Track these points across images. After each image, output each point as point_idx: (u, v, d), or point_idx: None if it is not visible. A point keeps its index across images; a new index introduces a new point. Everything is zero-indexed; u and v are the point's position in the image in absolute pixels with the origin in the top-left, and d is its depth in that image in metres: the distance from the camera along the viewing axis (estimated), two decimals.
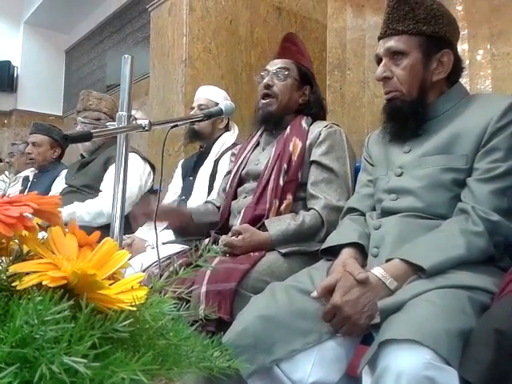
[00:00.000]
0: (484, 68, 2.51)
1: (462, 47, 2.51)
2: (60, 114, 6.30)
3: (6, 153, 4.19)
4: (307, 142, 1.55)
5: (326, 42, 3.32)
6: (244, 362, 0.71)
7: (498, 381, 0.74)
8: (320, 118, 1.66)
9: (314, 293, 1.03)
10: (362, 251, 1.16)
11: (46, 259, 0.47)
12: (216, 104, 1.91)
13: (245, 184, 1.65)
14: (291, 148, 1.53)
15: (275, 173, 1.51)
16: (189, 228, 1.62)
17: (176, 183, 2.27)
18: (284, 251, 1.39)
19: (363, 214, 1.27)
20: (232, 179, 1.69)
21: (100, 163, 2.39)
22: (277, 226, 1.42)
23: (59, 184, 2.80)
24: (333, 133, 1.55)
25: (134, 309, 0.46)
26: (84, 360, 0.38)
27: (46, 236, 0.52)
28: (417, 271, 0.98)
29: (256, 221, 1.48)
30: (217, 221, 1.66)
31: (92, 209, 2.20)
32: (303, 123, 1.60)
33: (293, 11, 3.32)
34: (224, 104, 1.30)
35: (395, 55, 1.17)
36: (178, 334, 0.51)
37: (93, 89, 2.79)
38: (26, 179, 3.23)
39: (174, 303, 0.52)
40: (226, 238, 1.42)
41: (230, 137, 2.17)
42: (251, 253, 1.38)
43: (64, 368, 0.37)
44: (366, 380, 0.89)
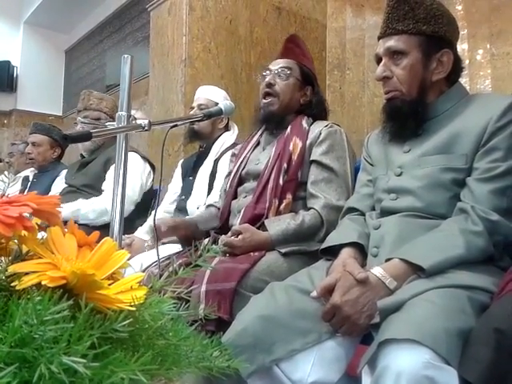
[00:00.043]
0: (484, 68, 2.52)
1: (462, 47, 2.51)
2: (60, 114, 6.30)
3: (6, 153, 4.19)
4: (307, 142, 1.55)
5: (326, 42, 3.33)
6: (244, 362, 0.71)
7: (498, 380, 0.74)
8: (321, 119, 1.66)
9: (314, 292, 1.03)
10: (362, 251, 1.16)
11: (46, 259, 0.47)
12: (216, 104, 1.91)
13: (245, 183, 1.65)
14: (291, 147, 1.53)
15: (275, 172, 1.51)
16: (195, 236, 1.63)
17: (176, 183, 2.27)
18: (284, 251, 1.39)
19: (363, 214, 1.27)
20: (232, 179, 1.69)
21: (100, 163, 2.39)
22: (276, 226, 1.42)
23: (59, 184, 2.80)
24: (333, 132, 1.55)
25: (134, 309, 0.46)
26: (83, 360, 0.38)
27: (46, 236, 0.52)
28: (416, 271, 0.98)
29: (256, 220, 1.48)
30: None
31: (97, 207, 2.20)
32: (304, 123, 1.60)
33: (292, 11, 3.31)
34: (224, 104, 1.30)
35: (395, 55, 1.17)
36: (178, 334, 0.51)
37: (92, 89, 2.79)
38: (26, 179, 3.23)
39: (174, 303, 0.52)
40: (226, 238, 1.42)
41: (230, 137, 2.17)
42: (251, 253, 1.38)
43: (63, 368, 0.37)
44: (366, 380, 0.89)
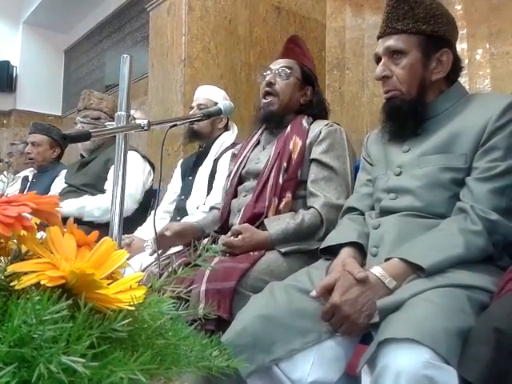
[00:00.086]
0: (483, 67, 2.52)
1: (461, 46, 2.51)
2: (59, 114, 6.30)
3: (5, 153, 4.19)
4: (307, 141, 1.55)
5: (325, 42, 3.33)
6: (243, 362, 0.71)
7: (497, 379, 0.74)
8: (321, 119, 1.66)
9: (313, 292, 1.03)
10: (362, 250, 1.16)
11: (45, 259, 0.47)
12: (215, 104, 1.91)
13: (245, 183, 1.65)
14: (291, 146, 1.53)
15: (275, 171, 1.51)
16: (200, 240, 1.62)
17: (175, 183, 2.27)
18: (284, 250, 1.39)
19: (362, 214, 1.27)
20: (232, 178, 1.69)
21: (100, 163, 2.39)
22: (276, 226, 1.42)
23: (58, 184, 2.80)
24: (333, 131, 1.55)
25: (133, 308, 0.46)
26: (82, 359, 0.38)
27: (45, 236, 0.52)
28: (416, 270, 0.98)
29: (255, 219, 1.48)
30: None
31: (102, 204, 2.20)
32: (304, 122, 1.60)
33: (292, 11, 3.31)
34: (223, 104, 1.30)
35: (394, 54, 1.17)
36: (177, 334, 0.51)
37: (92, 89, 2.79)
38: (26, 179, 3.23)
39: (173, 303, 0.52)
40: (226, 238, 1.42)
41: (230, 136, 2.17)
42: (251, 252, 1.38)
43: (62, 367, 0.37)
44: (366, 379, 0.89)
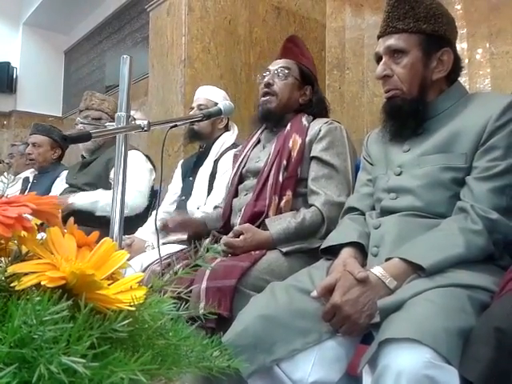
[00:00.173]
0: (483, 67, 2.52)
1: (461, 46, 2.51)
2: (59, 115, 6.29)
3: (6, 154, 4.19)
4: (307, 139, 1.55)
5: (325, 42, 3.33)
6: (244, 362, 0.71)
7: (498, 379, 0.74)
8: (322, 117, 1.66)
9: (314, 292, 1.03)
10: (362, 250, 1.15)
11: (45, 259, 0.47)
12: (215, 104, 1.91)
13: (245, 181, 1.65)
14: (291, 144, 1.53)
15: (275, 169, 1.51)
16: (203, 235, 1.63)
17: (176, 183, 2.27)
18: (285, 250, 1.39)
19: (363, 214, 1.27)
20: (233, 177, 1.69)
21: (102, 162, 2.38)
22: (277, 225, 1.42)
23: (59, 185, 2.80)
24: (333, 129, 1.55)
25: (133, 309, 0.46)
26: (83, 360, 0.38)
27: (45, 236, 0.52)
28: (416, 270, 0.98)
29: (256, 218, 1.48)
30: None
31: None
32: (303, 120, 1.60)
33: (292, 11, 3.31)
34: (223, 104, 1.30)
35: (395, 53, 1.17)
36: (178, 334, 0.51)
37: (92, 89, 2.79)
38: (26, 180, 3.23)
39: (173, 303, 0.52)
40: (227, 239, 1.42)
41: (230, 137, 2.17)
42: (252, 251, 1.38)
43: (63, 368, 0.37)
44: (367, 379, 0.88)
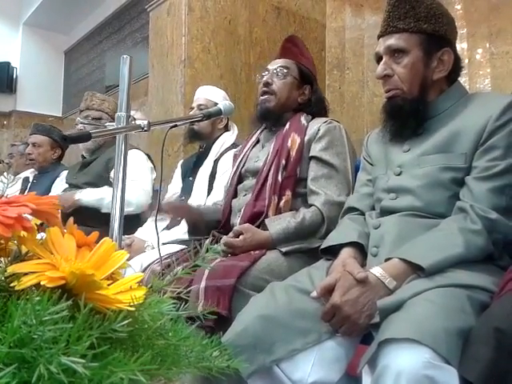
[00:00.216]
0: (483, 67, 2.52)
1: (461, 46, 2.51)
2: (59, 115, 6.29)
3: (6, 154, 4.19)
4: (306, 138, 1.54)
5: (325, 42, 3.33)
6: (244, 362, 0.71)
7: (498, 379, 0.74)
8: (321, 117, 1.65)
9: (314, 293, 1.03)
10: (362, 251, 1.15)
11: (45, 259, 0.47)
12: (215, 104, 1.91)
13: (244, 181, 1.65)
14: (289, 144, 1.53)
15: (274, 169, 1.51)
16: (200, 225, 1.63)
17: (175, 183, 2.27)
18: (285, 250, 1.38)
19: (363, 214, 1.27)
20: (232, 177, 1.69)
21: (102, 162, 2.39)
22: (277, 225, 1.42)
23: (59, 185, 2.80)
24: (332, 128, 1.55)
25: (133, 309, 0.46)
26: (82, 360, 0.38)
27: (45, 236, 0.52)
28: (416, 270, 0.98)
29: (255, 218, 1.48)
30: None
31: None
32: (302, 119, 1.60)
33: (292, 11, 3.31)
34: (223, 104, 1.30)
35: (396, 53, 1.17)
36: (177, 334, 0.51)
37: (92, 89, 2.80)
38: (26, 180, 3.23)
39: (173, 303, 0.52)
40: (227, 239, 1.42)
41: (230, 137, 2.17)
42: (251, 251, 1.38)
43: (62, 368, 0.37)
44: (366, 379, 0.88)
